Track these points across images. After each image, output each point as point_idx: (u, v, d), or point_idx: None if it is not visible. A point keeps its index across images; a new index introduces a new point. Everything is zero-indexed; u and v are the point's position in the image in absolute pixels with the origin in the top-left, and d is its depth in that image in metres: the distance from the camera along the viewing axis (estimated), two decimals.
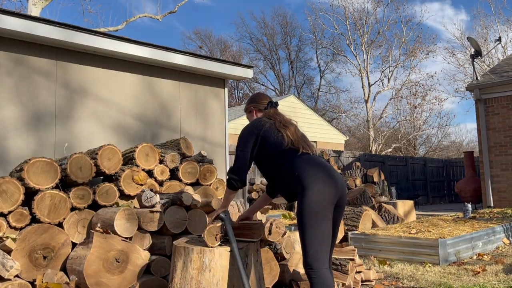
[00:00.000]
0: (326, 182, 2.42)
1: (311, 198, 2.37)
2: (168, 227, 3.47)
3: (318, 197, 2.37)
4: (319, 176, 2.44)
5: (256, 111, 2.89)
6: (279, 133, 2.64)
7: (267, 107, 2.85)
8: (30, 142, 4.13)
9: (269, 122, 2.71)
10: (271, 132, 2.65)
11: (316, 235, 2.36)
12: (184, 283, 2.50)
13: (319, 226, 2.37)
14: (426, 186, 18.06)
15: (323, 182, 2.41)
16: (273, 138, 2.63)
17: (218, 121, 5.86)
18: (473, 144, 33.57)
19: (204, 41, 37.01)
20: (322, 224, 2.37)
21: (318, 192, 2.38)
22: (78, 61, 4.55)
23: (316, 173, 2.45)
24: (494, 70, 11.61)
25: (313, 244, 2.36)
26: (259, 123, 2.72)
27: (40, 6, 12.42)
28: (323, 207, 2.38)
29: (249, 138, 2.68)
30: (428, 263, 4.92)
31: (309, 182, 2.41)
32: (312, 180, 2.41)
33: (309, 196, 2.37)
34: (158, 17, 16.10)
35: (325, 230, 2.39)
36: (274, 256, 3.59)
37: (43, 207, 3.36)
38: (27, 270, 3.15)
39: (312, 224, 2.36)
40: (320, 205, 2.37)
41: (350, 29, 27.06)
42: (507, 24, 26.37)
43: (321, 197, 2.38)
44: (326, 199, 2.40)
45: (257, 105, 2.90)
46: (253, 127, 2.71)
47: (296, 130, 2.69)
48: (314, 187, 2.39)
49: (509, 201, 10.23)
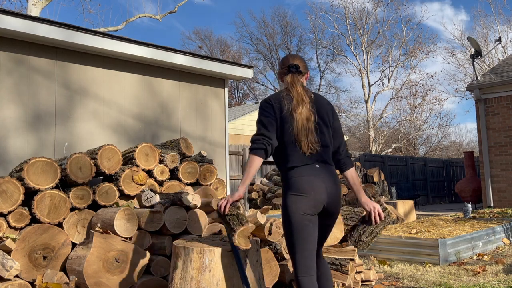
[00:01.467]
0: (307, 193, 2.34)
1: (288, 208, 2.36)
2: (168, 227, 3.47)
3: (294, 207, 2.34)
4: (301, 186, 2.35)
5: (283, 77, 2.64)
6: (291, 118, 2.42)
7: (286, 73, 2.59)
8: (30, 142, 4.13)
9: (284, 103, 2.45)
10: (285, 118, 2.43)
11: (293, 244, 2.36)
12: (184, 283, 2.50)
13: (296, 235, 2.34)
14: (426, 186, 18.06)
15: (302, 193, 2.34)
16: (287, 125, 2.42)
17: (218, 121, 5.86)
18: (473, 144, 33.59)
19: (204, 41, 37.03)
20: (299, 233, 2.33)
21: (294, 202, 2.34)
22: (78, 61, 4.55)
23: (300, 182, 2.36)
24: (494, 70, 11.61)
25: (292, 252, 2.37)
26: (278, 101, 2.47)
27: (40, 6, 12.42)
28: (301, 217, 2.33)
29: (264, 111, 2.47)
30: (428, 263, 4.92)
31: (290, 190, 2.37)
32: (293, 189, 2.36)
33: (286, 205, 2.37)
34: (158, 17, 16.09)
35: (304, 239, 2.34)
36: (274, 256, 3.60)
37: (43, 207, 3.36)
38: (27, 270, 3.15)
39: (289, 234, 2.37)
40: (297, 214, 2.33)
41: (350, 29, 27.07)
42: (507, 24, 26.42)
43: (297, 207, 2.33)
44: (303, 210, 2.33)
45: (281, 70, 2.64)
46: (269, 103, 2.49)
47: (304, 116, 2.43)
48: (292, 197, 2.35)
49: (509, 201, 10.23)
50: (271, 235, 3.69)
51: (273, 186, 11.54)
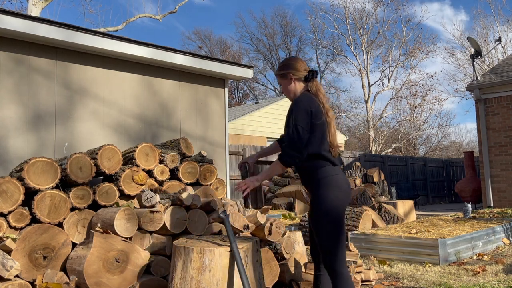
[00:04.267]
0: (342, 189, 2.54)
1: (332, 202, 2.50)
2: (168, 227, 3.47)
3: (338, 202, 2.51)
4: (344, 183, 2.56)
5: (295, 79, 2.68)
6: (327, 123, 2.58)
7: (309, 77, 2.66)
8: (30, 142, 4.13)
9: (320, 108, 2.56)
10: (321, 125, 2.56)
11: (336, 237, 2.51)
12: (184, 283, 2.50)
13: (339, 228, 2.51)
14: (426, 186, 18.06)
15: (341, 190, 2.54)
16: (318, 131, 2.55)
17: (218, 121, 5.87)
18: (473, 144, 33.59)
19: (204, 41, 37.02)
20: (341, 227, 2.52)
21: (338, 197, 2.51)
22: (78, 61, 4.56)
23: (341, 180, 2.56)
24: (494, 70, 11.61)
25: (334, 246, 2.50)
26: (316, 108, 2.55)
27: (40, 6, 12.42)
28: (342, 212, 2.52)
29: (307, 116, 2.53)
30: (428, 263, 4.92)
31: (333, 186, 2.52)
32: (337, 185, 2.53)
33: (331, 199, 2.50)
34: (158, 17, 16.09)
35: (343, 233, 2.53)
36: (274, 256, 3.60)
37: (43, 207, 3.36)
38: (27, 270, 3.15)
39: (333, 227, 2.50)
40: (340, 208, 2.52)
41: (350, 29, 27.06)
42: (507, 24, 26.38)
43: (343, 202, 2.53)
44: (343, 205, 2.54)
45: (296, 73, 2.67)
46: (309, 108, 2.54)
47: (334, 126, 2.66)
48: (336, 192, 2.51)
49: (509, 201, 10.23)
50: (271, 235, 3.69)
51: (273, 186, 11.53)
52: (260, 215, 3.74)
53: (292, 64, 2.69)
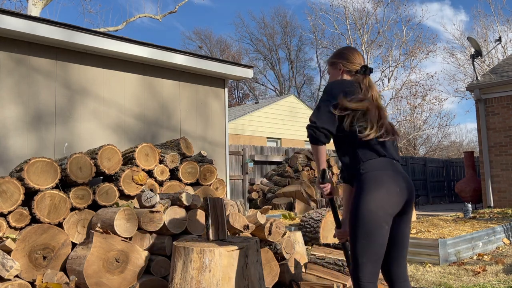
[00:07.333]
0: (390, 189, 2.17)
1: (366, 206, 2.13)
2: (168, 227, 3.47)
3: (374, 206, 2.13)
4: (384, 182, 2.18)
5: (345, 71, 2.41)
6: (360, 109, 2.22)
7: (360, 71, 2.36)
8: (30, 141, 4.13)
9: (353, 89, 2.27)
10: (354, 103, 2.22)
11: (365, 246, 2.14)
12: (184, 283, 2.50)
13: (370, 237, 2.13)
14: (426, 186, 18.05)
15: (386, 190, 2.16)
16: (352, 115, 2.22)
17: (218, 121, 5.87)
18: (473, 144, 33.58)
19: (204, 41, 37.03)
20: (373, 235, 2.13)
21: (375, 200, 2.13)
22: (78, 61, 4.55)
23: (382, 177, 2.19)
24: (494, 70, 11.61)
25: (362, 255, 2.15)
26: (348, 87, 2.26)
27: (40, 6, 12.42)
28: (379, 217, 2.13)
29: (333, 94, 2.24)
30: (428, 263, 4.92)
31: (370, 186, 2.16)
32: (374, 184, 2.16)
33: (365, 203, 2.14)
34: (158, 17, 16.09)
35: (377, 242, 2.15)
36: (274, 256, 3.60)
37: (43, 207, 3.36)
38: (27, 270, 3.15)
39: (363, 235, 2.14)
40: (376, 215, 2.12)
41: (350, 29, 27.04)
42: (507, 24, 26.36)
43: (378, 206, 2.13)
44: (385, 209, 2.14)
45: (348, 65, 2.40)
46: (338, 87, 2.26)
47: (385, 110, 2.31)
48: (373, 194, 2.14)
49: (509, 201, 10.22)
50: (271, 235, 3.70)
51: (273, 186, 11.53)
52: (260, 215, 3.74)
53: (345, 54, 2.43)
